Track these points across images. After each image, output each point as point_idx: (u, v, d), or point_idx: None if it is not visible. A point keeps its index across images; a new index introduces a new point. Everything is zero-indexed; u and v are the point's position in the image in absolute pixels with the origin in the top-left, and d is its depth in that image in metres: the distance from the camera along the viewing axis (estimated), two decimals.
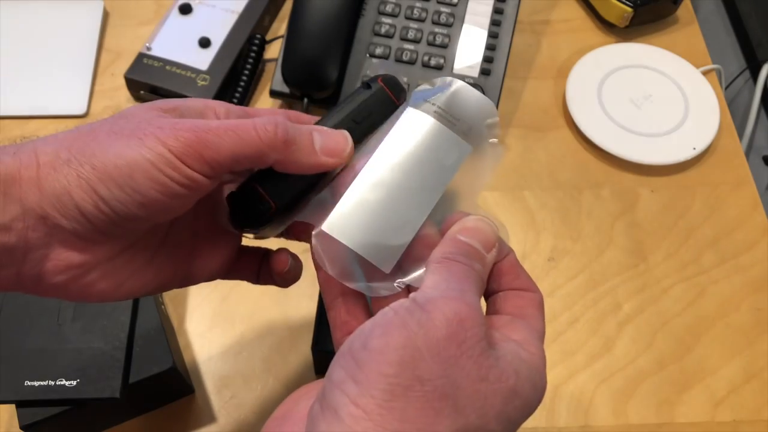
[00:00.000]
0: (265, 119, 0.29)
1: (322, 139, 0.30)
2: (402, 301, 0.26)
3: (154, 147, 0.27)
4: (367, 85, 0.33)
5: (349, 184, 0.31)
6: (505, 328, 0.28)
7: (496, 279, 0.30)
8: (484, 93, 0.60)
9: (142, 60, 0.63)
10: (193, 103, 0.31)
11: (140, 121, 0.28)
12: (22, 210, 0.26)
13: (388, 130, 0.32)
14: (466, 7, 0.63)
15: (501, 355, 0.26)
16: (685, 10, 0.71)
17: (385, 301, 0.30)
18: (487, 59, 0.61)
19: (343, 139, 0.31)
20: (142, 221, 0.28)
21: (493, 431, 0.24)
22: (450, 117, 0.32)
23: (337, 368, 0.25)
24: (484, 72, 0.61)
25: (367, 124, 0.32)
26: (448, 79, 0.33)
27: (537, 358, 0.27)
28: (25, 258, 0.27)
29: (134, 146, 0.27)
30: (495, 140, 0.33)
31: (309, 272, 0.55)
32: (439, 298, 0.25)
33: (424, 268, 0.29)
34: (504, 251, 0.31)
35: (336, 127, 0.31)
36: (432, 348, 0.24)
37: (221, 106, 0.32)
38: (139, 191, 0.27)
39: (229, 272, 0.35)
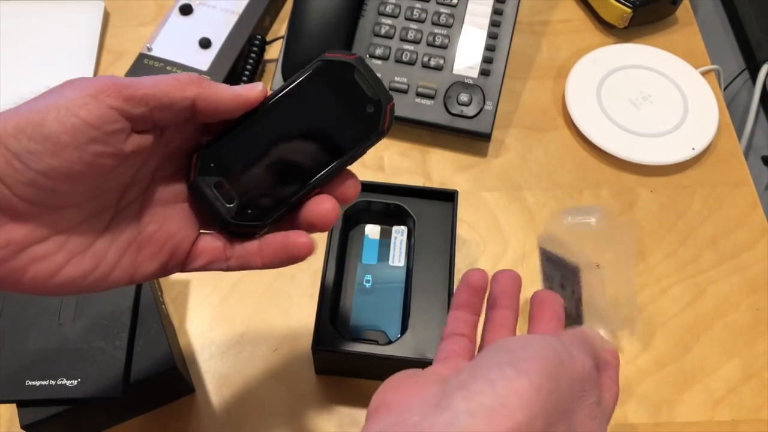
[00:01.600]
0: (185, 73, 0.31)
1: (238, 87, 0.31)
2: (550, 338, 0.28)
3: (71, 94, 0.26)
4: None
5: None
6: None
7: None
8: (483, 93, 0.60)
9: (143, 60, 0.63)
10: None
11: (67, 82, 0.28)
12: None
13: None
14: (465, 7, 0.63)
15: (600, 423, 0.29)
16: (684, 10, 0.72)
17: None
18: (487, 60, 0.61)
19: (255, 83, 0.32)
20: (62, 179, 0.27)
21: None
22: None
23: (491, 354, 0.26)
24: (484, 72, 0.61)
25: None
26: None
27: None
28: None
29: (51, 98, 0.27)
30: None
31: (309, 272, 0.55)
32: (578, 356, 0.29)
33: None
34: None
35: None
36: (567, 378, 0.27)
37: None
38: (49, 138, 0.26)
39: (184, 267, 0.34)
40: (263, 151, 0.32)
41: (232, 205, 0.32)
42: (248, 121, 0.32)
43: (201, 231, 0.34)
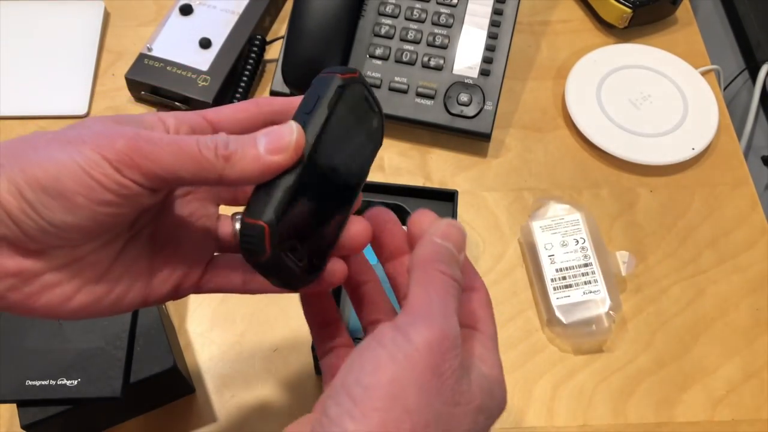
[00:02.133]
0: (209, 136, 0.28)
1: (266, 139, 0.28)
2: (387, 332, 0.26)
3: (88, 153, 0.26)
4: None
5: None
6: (465, 343, 0.30)
7: None
8: (483, 93, 0.60)
9: (143, 60, 0.63)
10: (148, 117, 0.30)
11: (85, 129, 0.27)
12: None
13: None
14: (465, 7, 0.63)
15: (472, 378, 0.28)
16: (683, 10, 0.72)
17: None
18: (487, 60, 0.61)
19: (288, 130, 0.28)
20: (74, 231, 0.27)
21: None
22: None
23: (332, 404, 0.25)
24: (484, 72, 0.61)
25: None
26: None
27: (496, 371, 0.30)
28: None
29: (69, 151, 0.26)
30: None
31: None
32: (423, 324, 0.26)
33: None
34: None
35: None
36: (417, 380, 0.25)
37: (171, 117, 0.30)
38: (64, 195, 0.26)
39: (199, 289, 0.33)
40: (315, 196, 0.30)
41: (303, 263, 0.30)
42: (293, 172, 0.29)
43: (216, 253, 0.34)
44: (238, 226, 0.33)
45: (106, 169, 0.26)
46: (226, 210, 0.34)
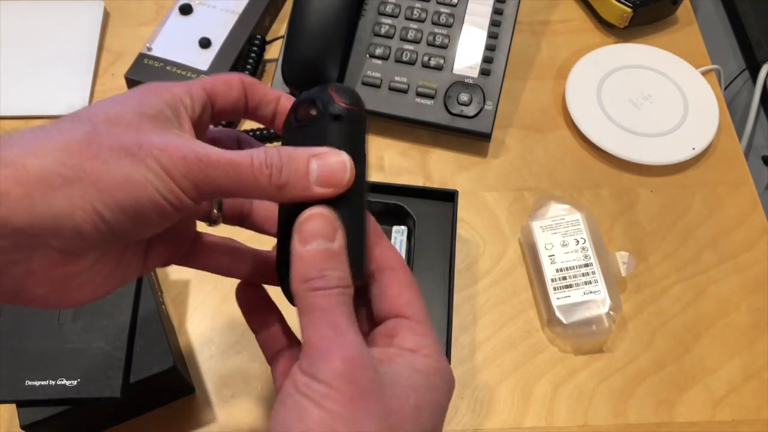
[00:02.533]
0: (263, 156, 0.28)
1: (318, 170, 0.29)
2: (299, 378, 0.27)
3: (158, 172, 0.26)
4: (336, 116, 0.31)
5: None
6: (395, 339, 0.30)
7: None
8: (483, 93, 0.60)
9: (143, 60, 0.63)
10: (165, 101, 0.30)
11: (139, 136, 0.27)
12: (6, 232, 0.24)
13: None
14: (465, 7, 0.63)
15: (396, 382, 0.28)
16: (684, 10, 0.72)
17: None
18: (487, 59, 0.61)
19: (341, 166, 0.29)
20: (131, 238, 0.28)
21: None
22: None
23: None
24: (484, 72, 0.61)
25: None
26: None
27: (434, 358, 0.30)
28: (2, 273, 0.26)
29: (140, 170, 0.26)
30: None
31: None
32: (322, 361, 0.27)
33: None
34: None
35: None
36: (343, 415, 0.26)
37: (188, 97, 0.30)
38: (141, 214, 0.27)
39: (186, 263, 0.35)
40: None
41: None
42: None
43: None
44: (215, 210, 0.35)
45: (176, 192, 0.27)
46: None
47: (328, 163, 0.29)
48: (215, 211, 0.34)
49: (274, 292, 0.34)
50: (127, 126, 0.27)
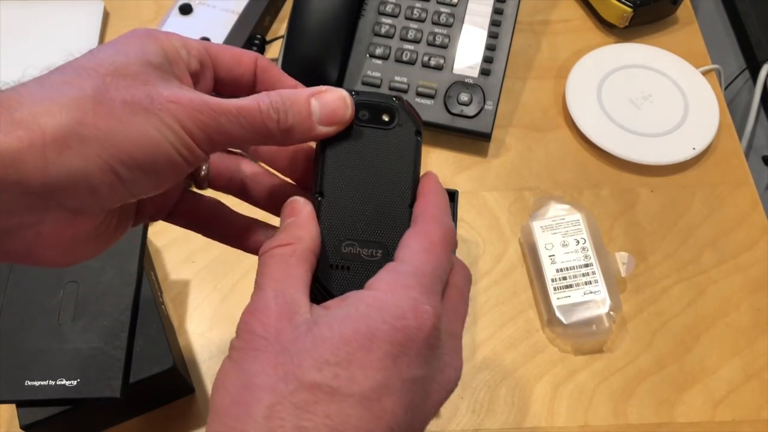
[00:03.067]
0: (268, 101, 0.28)
1: (320, 109, 0.29)
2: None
3: (173, 127, 0.26)
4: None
5: None
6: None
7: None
8: (483, 93, 0.60)
9: None
10: (164, 48, 0.29)
11: (149, 89, 0.26)
12: (19, 194, 0.24)
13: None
14: (465, 7, 0.63)
15: (321, 323, 0.26)
16: (684, 10, 0.71)
17: None
18: (487, 59, 0.61)
19: (342, 102, 0.30)
20: (145, 194, 0.28)
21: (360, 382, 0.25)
22: None
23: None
24: (484, 72, 0.61)
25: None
26: None
27: (383, 294, 0.27)
28: (14, 235, 0.25)
29: (156, 125, 0.26)
30: None
31: None
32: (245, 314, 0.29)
33: None
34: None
35: None
36: (237, 365, 0.27)
37: (183, 49, 0.29)
38: (157, 171, 0.26)
39: (168, 218, 0.34)
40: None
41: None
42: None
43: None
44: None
45: (190, 145, 0.27)
46: None
47: (328, 101, 0.29)
48: (203, 172, 0.34)
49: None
50: (134, 78, 0.27)
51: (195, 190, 0.34)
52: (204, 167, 0.34)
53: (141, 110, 0.26)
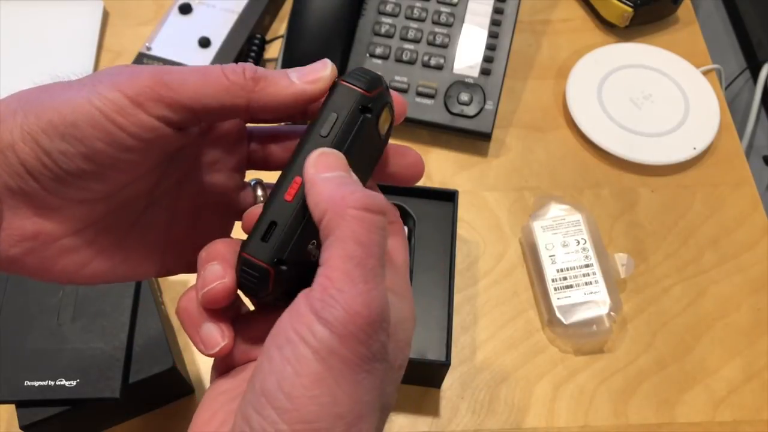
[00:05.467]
0: (233, 64, 0.27)
1: (298, 71, 0.27)
2: (305, 316, 0.23)
3: (106, 92, 0.24)
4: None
5: None
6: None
7: None
8: (484, 93, 0.60)
9: (142, 60, 0.63)
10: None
11: (105, 72, 0.26)
12: None
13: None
14: (466, 7, 0.63)
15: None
16: (685, 10, 0.71)
17: None
18: (487, 59, 0.61)
19: (321, 65, 0.28)
20: (91, 179, 0.25)
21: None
22: None
23: (254, 415, 0.23)
24: (484, 72, 0.61)
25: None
26: None
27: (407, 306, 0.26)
28: None
29: (85, 93, 0.24)
30: None
31: None
32: (342, 306, 0.24)
33: None
34: None
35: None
36: (347, 377, 0.23)
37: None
38: (82, 141, 0.24)
39: None
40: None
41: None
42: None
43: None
44: (259, 192, 0.31)
45: (126, 108, 0.24)
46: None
47: (306, 66, 0.28)
48: (259, 194, 0.31)
49: None
50: (103, 72, 0.26)
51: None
52: (260, 199, 0.31)
53: (79, 85, 0.25)
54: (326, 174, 0.25)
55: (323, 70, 0.28)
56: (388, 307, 0.23)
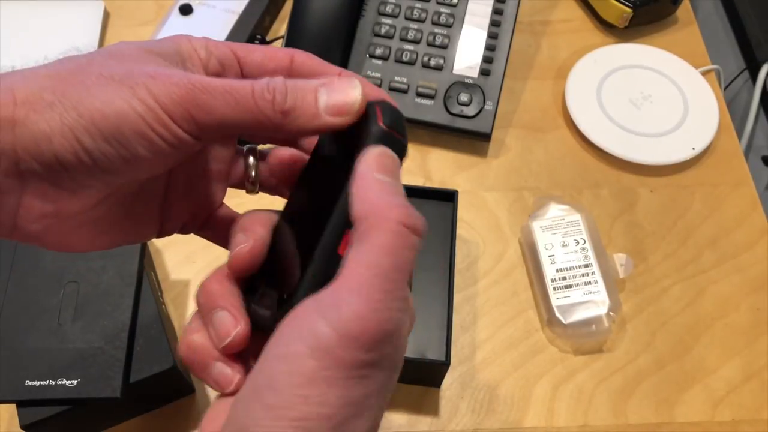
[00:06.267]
0: (265, 82, 0.26)
1: (327, 96, 0.27)
2: (312, 316, 0.24)
3: (145, 99, 0.25)
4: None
5: None
6: None
7: None
8: (483, 93, 0.60)
9: None
10: (179, 44, 0.28)
11: (132, 66, 0.26)
12: None
13: None
14: (465, 7, 0.63)
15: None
16: (684, 10, 0.72)
17: None
18: (487, 59, 0.61)
19: (351, 90, 0.27)
20: (121, 175, 0.26)
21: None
22: None
23: (242, 411, 0.23)
24: (484, 72, 0.61)
25: None
26: None
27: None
28: None
29: (125, 96, 0.25)
30: None
31: None
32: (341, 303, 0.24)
33: None
34: None
35: None
36: (339, 381, 0.23)
37: (202, 48, 0.29)
38: (125, 146, 0.25)
39: (200, 232, 0.33)
40: (290, 244, 0.28)
41: (273, 305, 0.27)
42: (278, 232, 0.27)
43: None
44: (251, 160, 0.32)
45: (165, 120, 0.25)
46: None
47: (338, 89, 0.27)
48: (252, 174, 0.32)
49: None
50: (123, 57, 0.26)
51: (247, 193, 0.33)
52: (252, 167, 0.32)
53: (114, 82, 0.25)
54: (379, 175, 0.25)
55: (354, 99, 0.27)
56: (402, 325, 0.24)
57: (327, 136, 0.29)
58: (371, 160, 0.25)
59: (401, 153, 0.27)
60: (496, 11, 0.63)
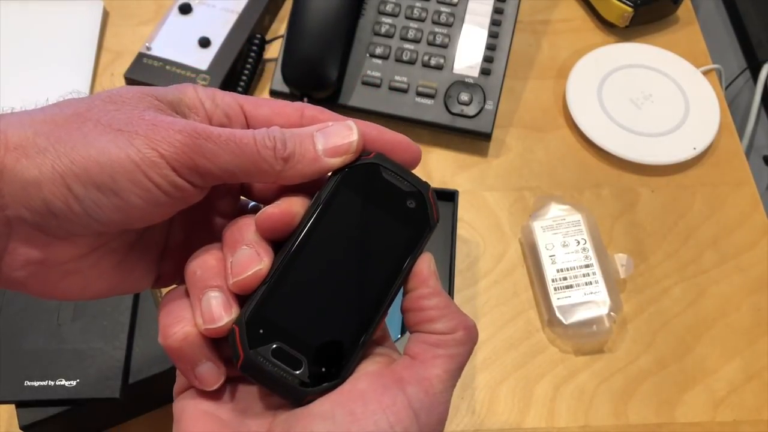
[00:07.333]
0: (265, 131, 0.26)
1: (324, 139, 0.27)
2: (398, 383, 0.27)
3: (143, 148, 0.24)
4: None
5: None
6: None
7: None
8: (484, 93, 0.60)
9: (142, 60, 0.63)
10: (188, 93, 0.28)
11: (133, 114, 0.25)
12: None
13: None
14: (466, 6, 0.63)
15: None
16: (685, 9, 0.71)
17: None
18: (487, 59, 0.61)
19: (347, 131, 0.28)
20: (114, 224, 0.26)
21: None
22: None
23: None
24: (484, 72, 0.61)
25: None
26: None
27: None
28: None
29: (122, 144, 0.24)
30: None
31: None
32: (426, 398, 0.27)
33: None
34: None
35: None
36: None
37: (208, 99, 0.28)
38: (118, 194, 0.24)
39: None
40: (317, 290, 0.27)
41: (300, 371, 0.26)
42: (287, 263, 0.27)
43: None
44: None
45: (163, 169, 0.25)
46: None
47: (333, 130, 0.28)
48: None
49: None
50: (123, 103, 0.26)
51: None
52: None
53: (112, 130, 0.25)
54: (439, 286, 0.28)
55: (349, 137, 0.28)
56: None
57: (341, 186, 0.28)
58: (432, 272, 0.28)
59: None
60: (497, 10, 0.62)
